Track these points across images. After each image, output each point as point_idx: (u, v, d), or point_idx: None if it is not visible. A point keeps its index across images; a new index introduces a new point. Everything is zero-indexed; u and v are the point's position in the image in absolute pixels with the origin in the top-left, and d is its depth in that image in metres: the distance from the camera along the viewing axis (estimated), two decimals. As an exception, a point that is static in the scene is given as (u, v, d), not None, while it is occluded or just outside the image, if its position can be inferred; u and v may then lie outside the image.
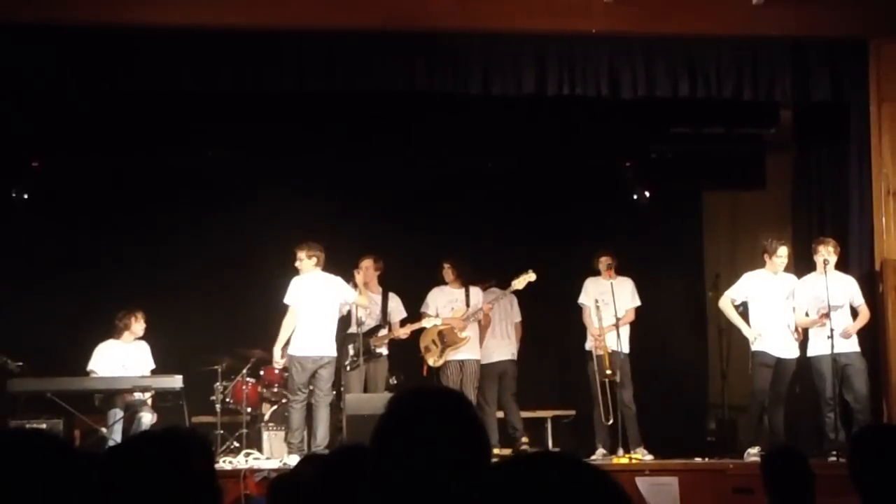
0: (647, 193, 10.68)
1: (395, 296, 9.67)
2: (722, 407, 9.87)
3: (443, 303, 9.50)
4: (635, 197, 10.72)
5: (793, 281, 8.93)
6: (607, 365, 9.11)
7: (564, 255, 10.19)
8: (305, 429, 8.85)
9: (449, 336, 9.37)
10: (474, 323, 9.43)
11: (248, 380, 9.45)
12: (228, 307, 10.28)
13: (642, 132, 10.21)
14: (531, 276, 9.32)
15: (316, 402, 8.70)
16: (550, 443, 10.35)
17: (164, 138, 9.83)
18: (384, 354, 9.49)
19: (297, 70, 8.59)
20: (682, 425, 9.90)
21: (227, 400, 9.41)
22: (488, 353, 9.58)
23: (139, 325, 9.29)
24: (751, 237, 10.17)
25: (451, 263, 9.53)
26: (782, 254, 8.87)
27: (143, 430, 8.32)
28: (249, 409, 9.37)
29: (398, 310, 9.66)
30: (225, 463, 8.32)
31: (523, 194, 10.94)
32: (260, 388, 9.58)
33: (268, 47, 8.53)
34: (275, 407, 9.56)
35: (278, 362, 8.95)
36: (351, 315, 9.29)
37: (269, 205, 10.20)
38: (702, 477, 8.07)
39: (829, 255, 8.63)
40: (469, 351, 9.41)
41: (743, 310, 9.00)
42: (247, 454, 8.66)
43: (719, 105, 9.29)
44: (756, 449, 8.52)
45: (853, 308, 8.72)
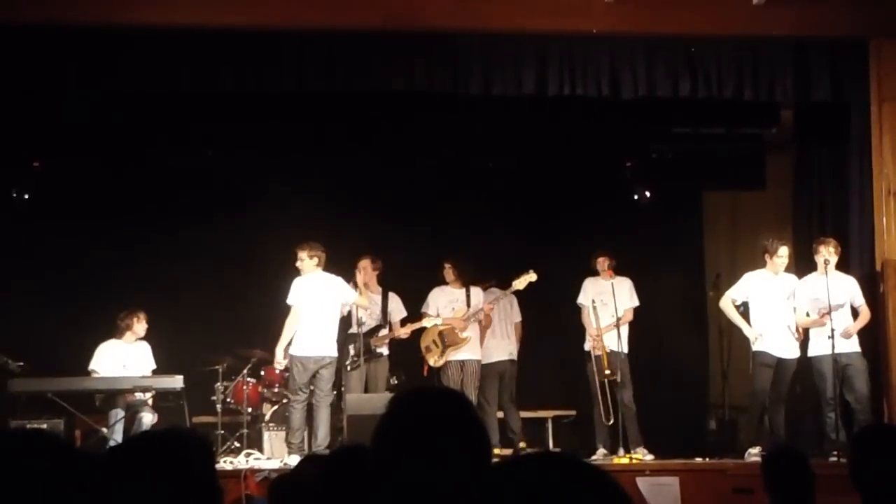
0: (648, 193, 10.68)
1: (394, 295, 9.67)
2: (722, 407, 9.87)
3: (443, 303, 9.50)
4: (636, 197, 10.72)
5: (793, 281, 8.92)
6: (606, 365, 9.11)
7: (565, 255, 10.18)
8: (306, 429, 8.85)
9: (450, 336, 9.37)
10: (475, 323, 9.43)
11: (248, 380, 9.46)
12: (229, 307, 10.28)
13: (643, 132, 10.20)
14: (532, 277, 9.32)
15: (316, 402, 8.69)
16: (551, 443, 10.35)
17: (164, 138, 9.84)
18: (385, 354, 9.50)
19: (297, 70, 8.59)
20: (683, 425, 9.89)
21: (228, 400, 9.41)
22: (488, 353, 9.58)
23: (141, 326, 9.29)
24: (751, 237, 10.17)
25: (451, 263, 9.53)
26: (783, 254, 8.86)
27: (143, 430, 8.32)
28: (250, 410, 9.37)
29: (398, 309, 9.66)
30: (226, 463, 8.32)
31: (523, 194, 10.94)
32: (261, 389, 9.59)
33: (268, 47, 8.53)
34: (275, 407, 9.57)
35: (280, 362, 8.92)
36: (351, 315, 9.30)
37: (269, 205, 10.20)
38: (702, 477, 8.06)
39: (830, 256, 8.62)
40: (470, 351, 9.41)
41: (743, 310, 8.99)
42: (247, 454, 8.66)
43: (720, 105, 9.28)
44: (756, 449, 8.52)
45: (854, 308, 8.72)
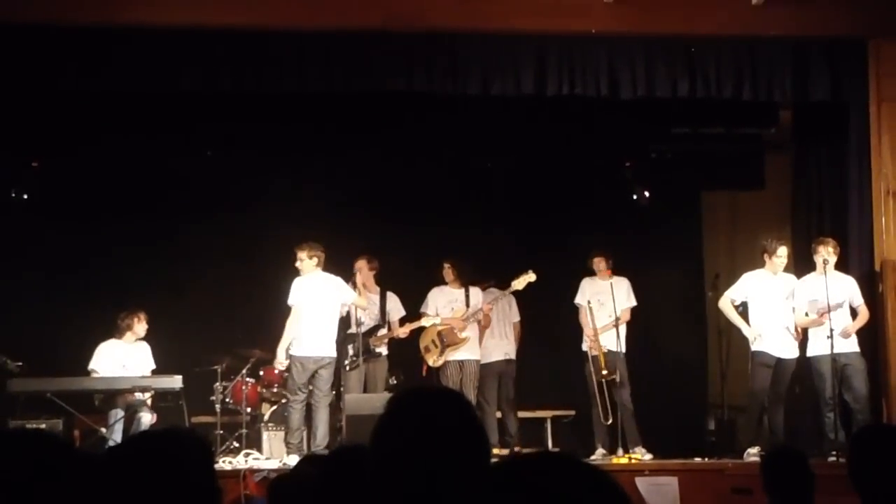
0: (647, 193, 10.68)
1: (393, 295, 9.67)
2: (721, 407, 9.86)
3: (443, 303, 9.50)
4: (635, 197, 10.72)
5: (792, 281, 8.92)
6: (603, 365, 9.11)
7: (564, 255, 10.17)
8: (305, 429, 8.85)
9: (449, 336, 9.37)
10: (474, 323, 9.43)
11: (247, 380, 9.45)
12: (228, 307, 10.29)
13: (642, 132, 10.21)
14: (531, 277, 9.32)
15: (315, 402, 8.69)
16: (550, 443, 10.35)
17: (163, 138, 9.83)
18: (384, 354, 9.50)
19: (296, 70, 8.58)
20: (682, 425, 9.88)
21: (227, 400, 9.41)
22: (487, 353, 9.58)
23: (142, 326, 9.29)
24: (750, 237, 10.17)
25: (451, 263, 9.53)
26: (782, 254, 8.86)
27: (142, 430, 8.32)
28: (249, 410, 9.37)
29: (397, 308, 9.66)
30: (225, 463, 8.32)
31: (523, 194, 10.93)
32: (259, 389, 9.59)
33: (267, 47, 8.53)
34: (274, 407, 9.57)
35: (282, 363, 8.89)
36: (350, 316, 9.29)
37: (268, 204, 10.20)
38: (701, 477, 8.06)
39: (829, 255, 8.62)
40: (469, 351, 9.41)
41: (742, 310, 8.99)
42: (246, 454, 8.66)
43: (719, 105, 9.28)
44: (755, 449, 8.52)
45: (853, 308, 8.72)
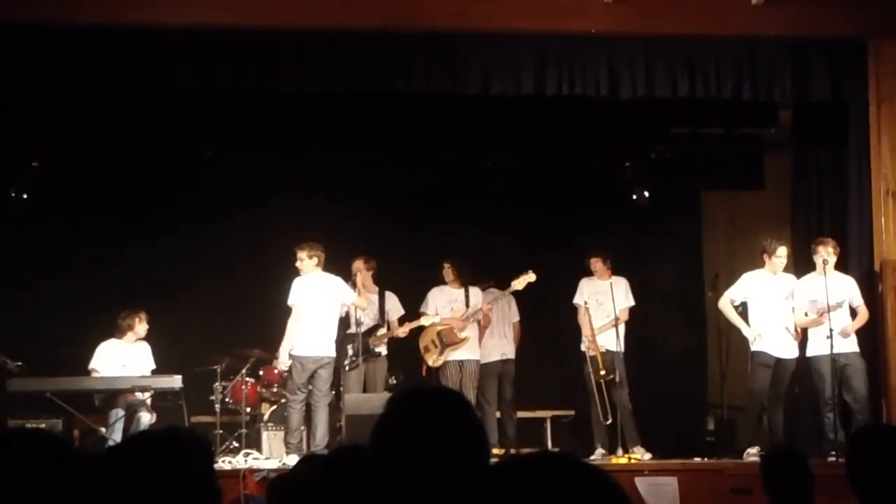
0: (647, 193, 10.67)
1: (391, 294, 9.66)
2: (721, 407, 9.86)
3: (442, 303, 9.50)
4: (634, 197, 10.71)
5: (792, 281, 8.92)
6: (601, 365, 9.11)
7: (564, 255, 10.17)
8: (304, 429, 8.85)
9: (448, 336, 9.37)
10: (473, 323, 9.43)
11: (247, 380, 9.45)
12: (228, 307, 10.28)
13: (641, 132, 10.20)
14: (531, 277, 9.32)
15: (315, 402, 8.68)
16: (549, 443, 10.34)
17: (163, 138, 9.82)
18: (383, 354, 9.49)
19: (296, 70, 8.58)
20: (682, 425, 9.89)
21: (227, 400, 9.41)
22: (487, 353, 9.59)
23: (142, 326, 9.28)
24: (750, 237, 10.17)
25: (451, 263, 9.53)
26: (781, 254, 8.86)
27: (141, 429, 8.32)
28: (248, 409, 9.36)
29: (395, 308, 9.65)
30: (224, 463, 8.32)
31: (523, 194, 10.92)
32: (259, 388, 9.59)
33: (267, 47, 8.53)
34: (274, 407, 9.56)
35: (285, 363, 8.83)
36: (349, 316, 9.29)
37: (268, 204, 10.20)
38: (701, 477, 8.06)
39: (829, 256, 8.62)
40: (468, 351, 9.41)
41: (742, 310, 8.99)
42: (246, 454, 8.66)
43: (718, 105, 9.28)
44: (755, 449, 8.52)
45: (852, 308, 8.72)
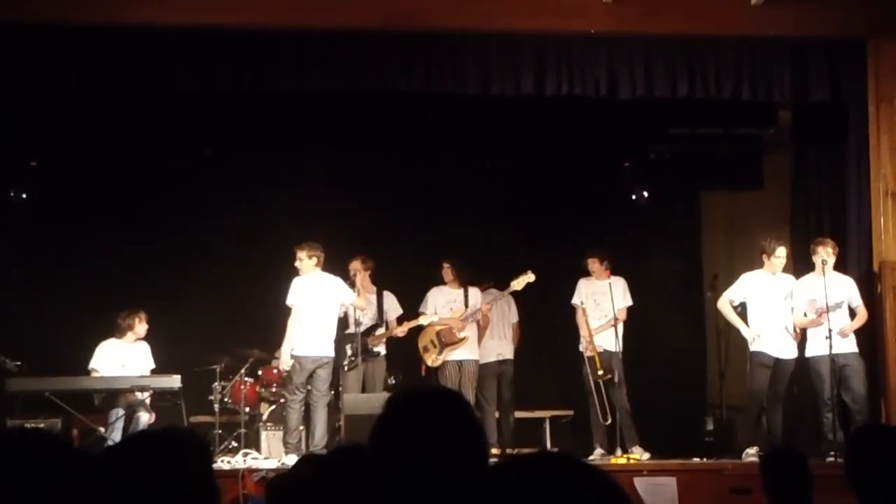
0: (646, 193, 10.69)
1: (389, 294, 9.65)
2: (720, 407, 9.86)
3: (441, 303, 9.50)
4: (634, 197, 10.72)
5: (791, 281, 8.92)
6: (599, 365, 9.11)
7: (563, 256, 10.17)
8: (303, 429, 8.84)
9: (447, 336, 9.37)
10: (473, 323, 9.43)
11: (246, 379, 9.45)
12: (227, 307, 10.27)
13: (641, 132, 10.21)
14: (530, 277, 9.32)
15: (314, 402, 8.67)
16: (549, 443, 10.34)
17: (162, 138, 9.83)
18: (382, 354, 9.48)
19: (295, 70, 8.58)
20: (681, 425, 9.88)
21: (226, 400, 9.41)
22: (486, 353, 9.58)
23: (142, 327, 9.27)
24: (749, 237, 10.17)
25: (450, 263, 9.53)
26: (780, 254, 8.86)
27: (140, 429, 8.32)
28: (248, 409, 9.36)
29: (394, 308, 9.65)
30: (223, 463, 8.32)
31: (522, 194, 10.93)
32: (258, 388, 9.59)
33: (267, 47, 8.53)
34: (273, 407, 9.56)
35: (287, 362, 8.77)
36: (348, 316, 9.28)
37: (267, 204, 10.20)
38: (700, 477, 8.06)
39: (828, 256, 8.62)
40: (467, 351, 9.40)
41: (741, 310, 8.99)
42: (245, 454, 8.65)
43: (718, 105, 9.28)
44: (754, 449, 8.52)
45: (851, 309, 8.72)
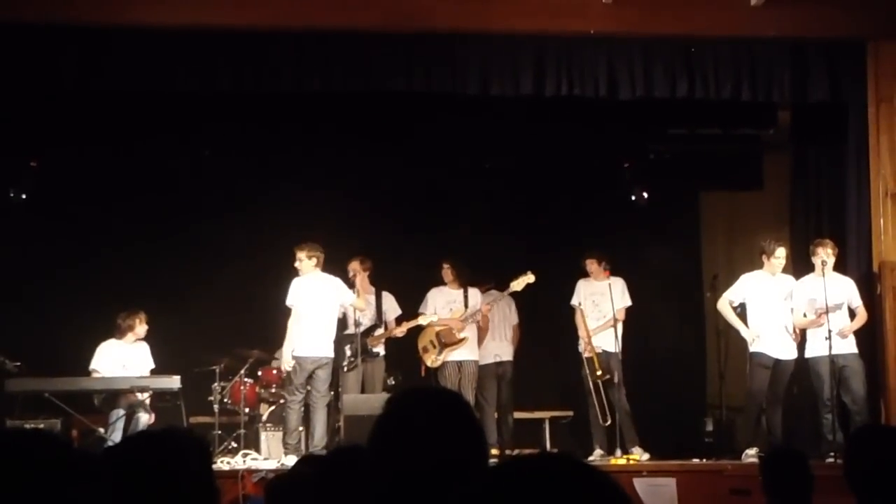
0: (645, 194, 10.68)
1: (388, 294, 9.65)
2: (720, 408, 9.86)
3: (441, 303, 9.49)
4: (633, 197, 10.71)
5: (791, 282, 8.92)
6: (597, 366, 9.11)
7: (563, 256, 10.16)
8: (303, 429, 8.84)
9: (447, 336, 9.37)
10: (472, 324, 9.43)
11: (246, 380, 9.45)
12: (226, 307, 10.26)
13: (640, 133, 10.21)
14: (530, 278, 9.32)
15: (313, 402, 8.67)
16: (548, 444, 10.34)
17: (162, 138, 9.83)
18: (381, 354, 9.48)
19: (295, 70, 8.58)
20: (680, 426, 9.89)
21: (225, 400, 9.40)
22: (485, 355, 9.58)
23: (142, 327, 9.27)
24: (749, 238, 10.17)
25: (450, 264, 9.52)
26: (780, 255, 8.86)
27: (140, 430, 8.31)
28: (247, 410, 9.35)
29: (393, 308, 9.65)
30: (223, 463, 8.31)
31: (521, 195, 10.93)
32: (258, 389, 9.58)
33: (266, 47, 8.53)
34: (272, 407, 9.56)
35: (289, 362, 8.74)
36: (347, 316, 9.28)
37: (267, 205, 10.20)
38: (699, 478, 8.06)
39: (828, 257, 8.62)
40: (467, 351, 9.40)
41: (741, 311, 8.99)
42: (244, 455, 8.65)
43: (717, 106, 9.28)
44: (754, 450, 8.52)
45: (851, 309, 8.72)
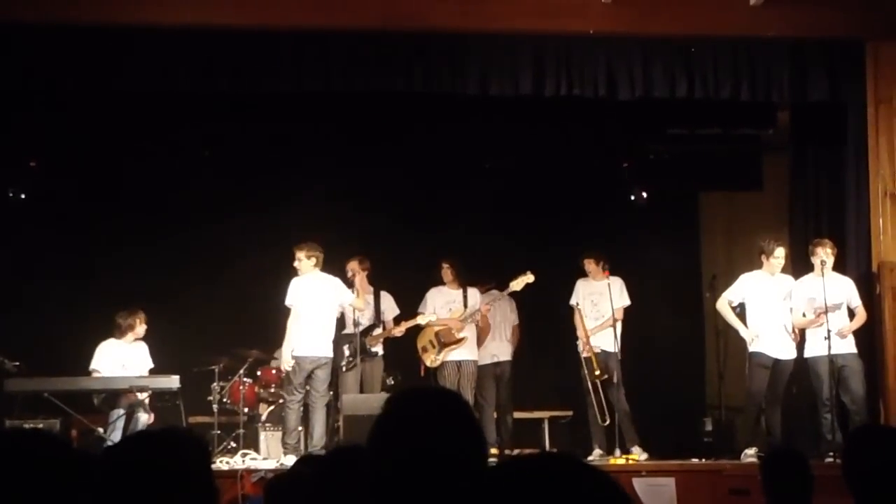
0: (645, 194, 10.68)
1: (387, 294, 9.65)
2: (719, 408, 9.86)
3: (441, 303, 9.49)
4: (632, 197, 10.72)
5: (790, 282, 8.92)
6: (595, 366, 9.11)
7: (562, 256, 10.15)
8: (302, 429, 8.84)
9: (446, 336, 9.37)
10: (472, 324, 9.43)
11: (245, 380, 9.45)
12: (226, 307, 10.27)
13: (640, 133, 10.20)
14: (529, 278, 9.32)
15: (312, 402, 8.67)
16: (547, 443, 10.34)
17: (161, 138, 9.83)
18: (379, 354, 9.47)
19: (295, 70, 8.58)
20: (679, 426, 9.88)
21: (224, 400, 9.41)
22: (484, 355, 9.58)
23: (142, 327, 9.27)
24: (748, 238, 10.16)
25: (449, 264, 9.52)
26: (779, 255, 8.86)
27: (139, 430, 8.31)
28: (246, 410, 9.37)
29: (391, 308, 9.64)
30: (222, 463, 8.31)
31: (521, 195, 10.93)
32: (257, 389, 9.59)
33: (266, 47, 8.53)
34: (272, 407, 9.57)
35: (289, 362, 8.72)
36: (346, 316, 9.27)
37: (266, 205, 10.20)
38: (699, 478, 8.06)
39: (827, 257, 8.62)
40: (466, 351, 9.40)
41: (740, 311, 8.99)
42: (244, 454, 8.65)
43: (716, 106, 9.29)
44: (753, 450, 8.52)
45: (850, 309, 8.72)
